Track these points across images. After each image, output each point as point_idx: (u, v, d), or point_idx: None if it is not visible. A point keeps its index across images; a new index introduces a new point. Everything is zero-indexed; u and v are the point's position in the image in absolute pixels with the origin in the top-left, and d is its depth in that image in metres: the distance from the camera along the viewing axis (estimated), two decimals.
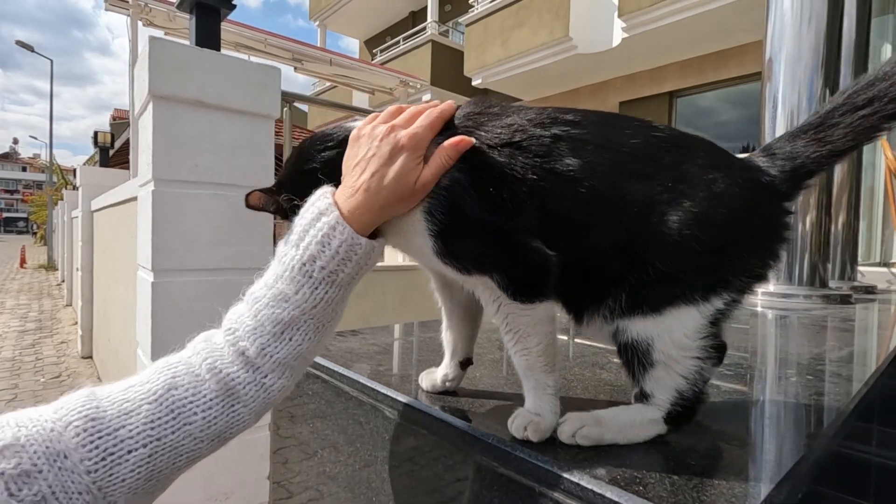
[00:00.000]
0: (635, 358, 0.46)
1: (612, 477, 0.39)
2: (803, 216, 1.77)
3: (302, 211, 0.48)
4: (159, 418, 0.41)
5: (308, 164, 0.53)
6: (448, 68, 9.38)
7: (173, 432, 0.41)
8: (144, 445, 0.39)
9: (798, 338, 1.09)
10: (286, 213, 0.52)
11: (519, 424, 0.46)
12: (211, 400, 0.43)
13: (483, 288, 0.48)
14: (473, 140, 0.46)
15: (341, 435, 0.67)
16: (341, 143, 0.52)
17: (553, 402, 0.47)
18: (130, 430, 0.39)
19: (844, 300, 1.74)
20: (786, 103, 1.82)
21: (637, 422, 0.47)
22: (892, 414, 0.84)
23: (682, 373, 0.46)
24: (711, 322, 0.46)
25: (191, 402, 0.42)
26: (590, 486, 0.38)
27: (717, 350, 0.48)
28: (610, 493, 0.37)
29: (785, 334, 1.17)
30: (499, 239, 0.45)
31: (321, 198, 0.47)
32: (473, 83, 8.48)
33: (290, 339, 0.45)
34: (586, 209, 0.46)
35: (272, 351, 0.45)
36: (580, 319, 0.51)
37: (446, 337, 0.60)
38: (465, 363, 0.60)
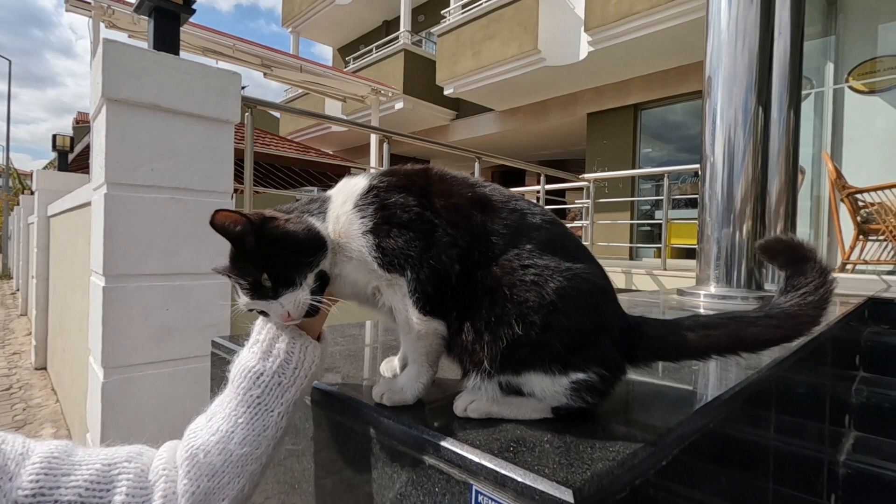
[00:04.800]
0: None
1: (490, 447, 0.44)
2: (740, 225, 1.88)
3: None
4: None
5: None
6: (420, 77, 9.47)
7: None
8: None
9: None
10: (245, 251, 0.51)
11: (378, 391, 0.55)
12: None
13: (400, 295, 0.52)
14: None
15: None
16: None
17: (418, 389, 0.55)
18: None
19: None
20: (724, 118, 1.94)
21: (524, 403, 0.52)
22: (787, 402, 0.92)
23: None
24: None
25: None
26: (462, 452, 0.42)
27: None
28: (485, 460, 0.41)
29: None
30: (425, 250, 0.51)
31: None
32: (445, 93, 8.59)
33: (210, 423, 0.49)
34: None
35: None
36: None
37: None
38: None
